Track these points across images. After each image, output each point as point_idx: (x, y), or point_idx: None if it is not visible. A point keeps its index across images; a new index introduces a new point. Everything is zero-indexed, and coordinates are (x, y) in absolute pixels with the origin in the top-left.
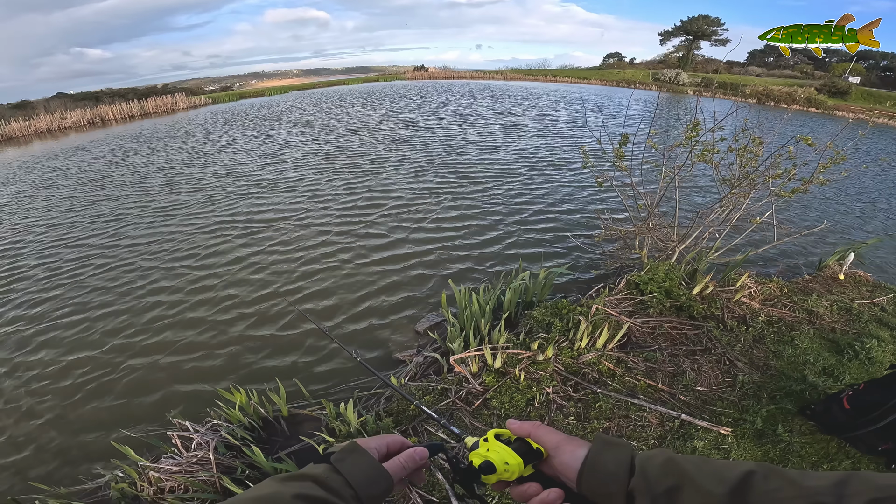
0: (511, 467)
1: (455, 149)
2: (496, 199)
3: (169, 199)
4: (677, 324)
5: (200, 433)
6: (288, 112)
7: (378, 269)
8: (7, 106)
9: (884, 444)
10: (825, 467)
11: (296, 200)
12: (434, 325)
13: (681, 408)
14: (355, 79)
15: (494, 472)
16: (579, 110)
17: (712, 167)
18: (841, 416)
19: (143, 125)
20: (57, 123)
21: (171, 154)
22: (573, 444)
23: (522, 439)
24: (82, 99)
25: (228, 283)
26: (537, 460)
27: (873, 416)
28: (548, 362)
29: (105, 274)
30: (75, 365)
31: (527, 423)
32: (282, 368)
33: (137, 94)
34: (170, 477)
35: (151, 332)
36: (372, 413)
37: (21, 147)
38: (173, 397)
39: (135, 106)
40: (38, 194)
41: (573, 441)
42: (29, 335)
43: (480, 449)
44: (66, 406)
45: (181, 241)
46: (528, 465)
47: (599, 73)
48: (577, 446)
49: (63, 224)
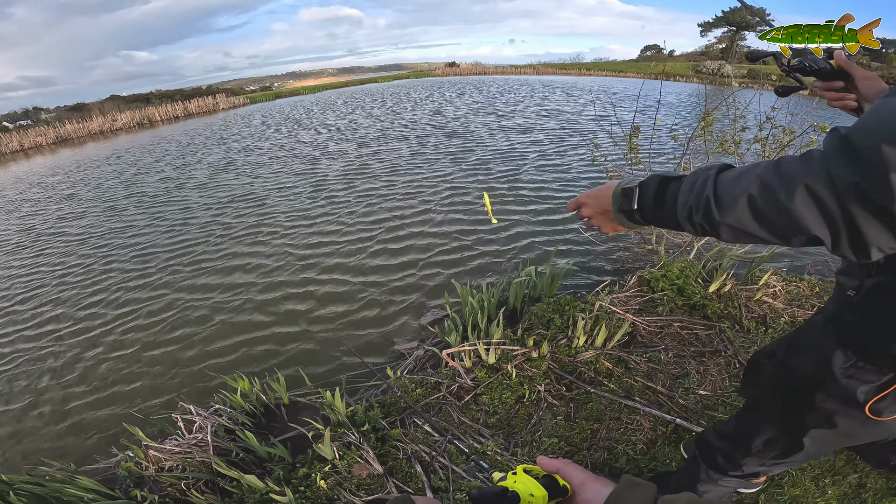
0: (536, 500)
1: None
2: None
3: (181, 197)
4: (688, 323)
5: (203, 416)
6: (308, 114)
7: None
8: (64, 108)
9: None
10: (827, 481)
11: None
12: (438, 319)
13: (678, 412)
14: (387, 76)
15: (518, 503)
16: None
17: (736, 158)
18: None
19: (188, 125)
20: (109, 125)
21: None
22: (599, 482)
23: (550, 475)
24: (134, 101)
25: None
26: (562, 497)
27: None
28: (542, 359)
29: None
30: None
31: (556, 461)
32: (285, 356)
33: (184, 96)
34: (170, 457)
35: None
36: (363, 403)
37: (76, 147)
38: (189, 383)
39: (179, 107)
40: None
41: (599, 480)
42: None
43: (508, 481)
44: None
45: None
46: (553, 501)
47: (636, 66)
48: (602, 485)
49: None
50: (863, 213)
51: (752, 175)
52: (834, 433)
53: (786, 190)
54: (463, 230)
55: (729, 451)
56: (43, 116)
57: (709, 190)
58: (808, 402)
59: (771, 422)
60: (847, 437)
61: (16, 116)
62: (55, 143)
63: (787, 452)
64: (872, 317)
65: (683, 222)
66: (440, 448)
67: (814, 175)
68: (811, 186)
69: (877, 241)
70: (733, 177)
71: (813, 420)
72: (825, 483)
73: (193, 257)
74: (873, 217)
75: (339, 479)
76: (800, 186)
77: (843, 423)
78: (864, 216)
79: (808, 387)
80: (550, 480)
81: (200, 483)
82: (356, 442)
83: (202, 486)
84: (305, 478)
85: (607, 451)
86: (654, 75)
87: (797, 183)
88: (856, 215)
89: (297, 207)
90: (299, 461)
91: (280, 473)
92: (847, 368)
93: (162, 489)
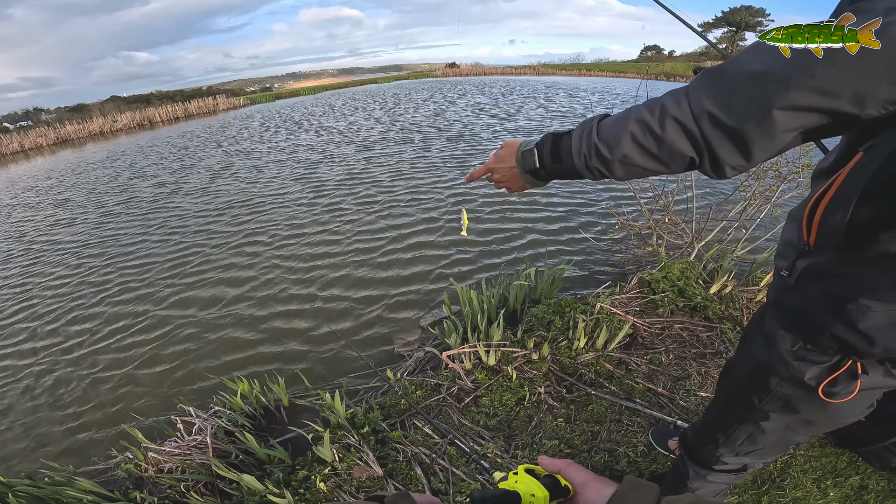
0: (537, 500)
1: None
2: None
3: (176, 203)
4: (689, 325)
5: (202, 419)
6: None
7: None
8: (65, 109)
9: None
10: (829, 482)
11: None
12: (438, 320)
13: (679, 413)
14: (387, 77)
15: (519, 503)
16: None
17: None
18: (854, 428)
19: (188, 126)
20: (109, 126)
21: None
22: (601, 482)
23: (552, 476)
24: (134, 101)
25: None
26: (563, 497)
27: (889, 429)
28: (542, 361)
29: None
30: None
31: (558, 461)
32: (285, 358)
33: (184, 96)
34: (169, 459)
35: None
36: (362, 405)
37: (76, 149)
38: (187, 384)
39: (179, 108)
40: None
41: (602, 480)
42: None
43: (509, 481)
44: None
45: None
46: (554, 501)
47: (636, 67)
48: (604, 485)
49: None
50: (715, 134)
51: (629, 117)
52: (795, 418)
53: (659, 123)
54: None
55: (703, 443)
56: (43, 117)
57: (594, 136)
58: (765, 387)
59: (734, 410)
60: (808, 422)
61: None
62: (56, 143)
63: (754, 440)
64: (807, 298)
65: (582, 170)
66: (440, 450)
67: (678, 107)
68: (677, 117)
69: (729, 161)
70: (613, 121)
71: (772, 406)
72: (827, 485)
73: (194, 262)
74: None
75: (339, 482)
76: (668, 118)
77: (800, 406)
78: (717, 138)
79: (764, 372)
80: (552, 481)
81: (200, 485)
82: (356, 444)
83: (201, 488)
84: (305, 480)
85: (608, 454)
86: (654, 76)
87: (666, 115)
88: (710, 137)
89: (297, 212)
90: (299, 463)
91: (279, 475)
92: (796, 351)
93: (161, 491)
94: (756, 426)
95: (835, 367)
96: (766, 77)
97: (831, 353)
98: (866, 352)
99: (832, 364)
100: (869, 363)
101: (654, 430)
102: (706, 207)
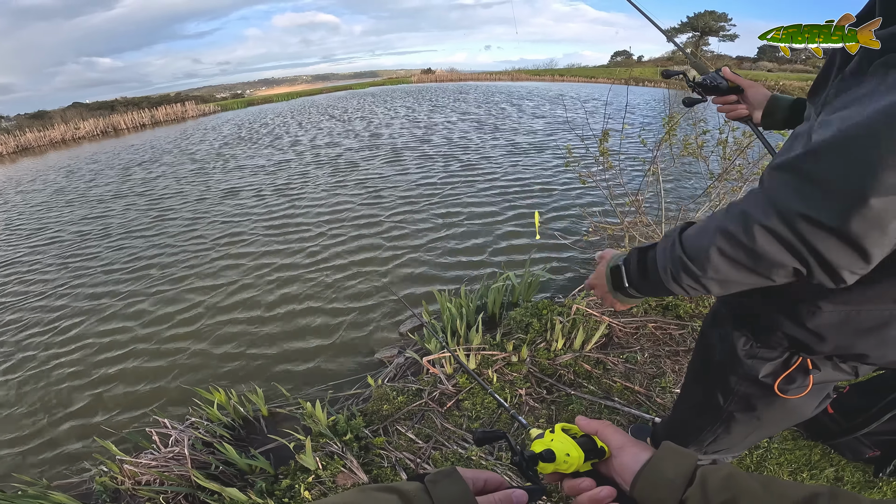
0: (571, 459)
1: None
2: (490, 197)
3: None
4: (662, 323)
5: (178, 430)
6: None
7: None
8: (25, 116)
9: (871, 451)
10: (805, 475)
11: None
12: (417, 326)
13: (656, 410)
14: (362, 83)
15: (553, 462)
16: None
17: (701, 161)
18: (825, 421)
19: (156, 134)
20: (71, 133)
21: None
22: (638, 447)
23: (588, 436)
24: (98, 108)
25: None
26: (599, 458)
27: (858, 422)
28: (522, 364)
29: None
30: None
31: (595, 421)
32: (263, 368)
33: (151, 103)
34: (146, 471)
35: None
36: (344, 413)
37: (37, 157)
38: (161, 397)
39: (146, 115)
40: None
41: (638, 444)
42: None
43: (545, 439)
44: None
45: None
46: (588, 462)
47: (607, 72)
48: (641, 449)
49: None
50: (819, 237)
51: (712, 228)
52: (754, 415)
53: (746, 233)
54: (439, 237)
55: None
56: (3, 125)
57: (678, 250)
58: (725, 385)
59: (697, 407)
60: (767, 419)
61: None
62: (15, 152)
63: (718, 437)
64: (753, 296)
65: (672, 286)
66: (424, 454)
67: (763, 213)
68: (766, 225)
69: (844, 264)
70: (695, 233)
71: (733, 404)
72: (803, 477)
73: (169, 271)
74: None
75: (324, 490)
76: (755, 226)
77: (757, 403)
78: (821, 240)
79: (723, 370)
80: (588, 441)
81: (180, 497)
82: (339, 451)
83: (182, 500)
84: (289, 489)
85: None
86: (623, 80)
87: (752, 223)
88: (814, 242)
89: (271, 219)
90: (282, 472)
91: (262, 485)
92: (749, 349)
93: (140, 503)
94: (717, 424)
95: (786, 363)
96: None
97: (781, 349)
98: (817, 349)
99: (783, 360)
100: (818, 359)
101: (633, 427)
102: (676, 209)
